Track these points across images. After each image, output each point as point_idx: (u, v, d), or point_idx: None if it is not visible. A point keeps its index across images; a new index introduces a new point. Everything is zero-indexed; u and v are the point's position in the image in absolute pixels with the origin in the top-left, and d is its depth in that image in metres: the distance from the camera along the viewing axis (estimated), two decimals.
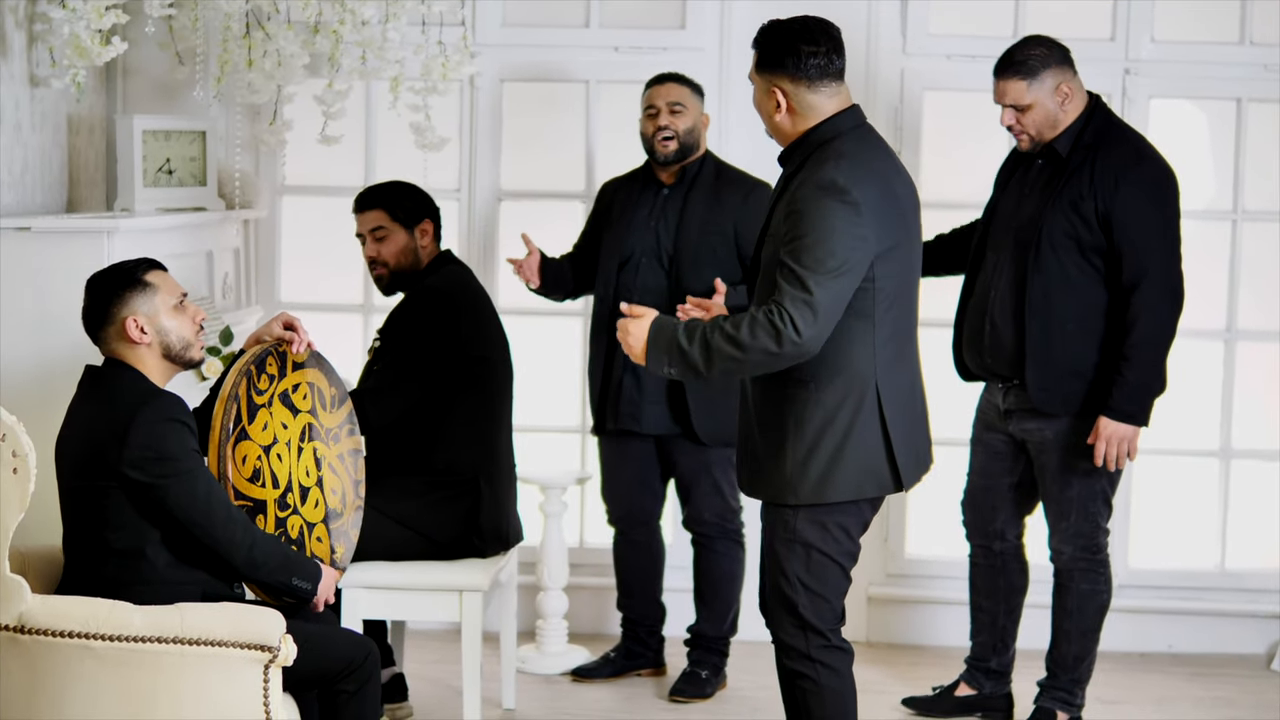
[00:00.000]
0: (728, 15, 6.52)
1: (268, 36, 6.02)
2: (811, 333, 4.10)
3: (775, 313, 4.09)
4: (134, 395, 4.24)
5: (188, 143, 6.05)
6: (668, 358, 4.18)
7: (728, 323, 4.14)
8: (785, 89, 4.34)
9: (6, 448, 3.91)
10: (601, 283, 5.97)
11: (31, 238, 5.03)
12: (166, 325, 4.33)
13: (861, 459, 4.32)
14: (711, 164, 5.94)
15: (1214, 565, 6.71)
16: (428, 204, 5.54)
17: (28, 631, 4.01)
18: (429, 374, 5.26)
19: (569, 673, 6.20)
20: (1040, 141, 5.40)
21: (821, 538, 4.35)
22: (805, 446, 4.29)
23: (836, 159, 4.23)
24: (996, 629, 5.76)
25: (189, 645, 4.02)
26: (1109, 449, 5.31)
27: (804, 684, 4.41)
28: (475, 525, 5.32)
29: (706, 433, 5.84)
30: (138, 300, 4.31)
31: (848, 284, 4.16)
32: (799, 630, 4.38)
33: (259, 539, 4.31)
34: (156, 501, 4.19)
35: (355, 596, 5.17)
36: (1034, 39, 5.44)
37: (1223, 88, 6.55)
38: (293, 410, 4.60)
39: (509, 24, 6.60)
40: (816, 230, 4.13)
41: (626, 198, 6.01)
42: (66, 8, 5.41)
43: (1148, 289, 5.25)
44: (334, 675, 4.35)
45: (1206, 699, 6.12)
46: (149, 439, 4.17)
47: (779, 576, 4.38)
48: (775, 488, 4.36)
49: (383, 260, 5.48)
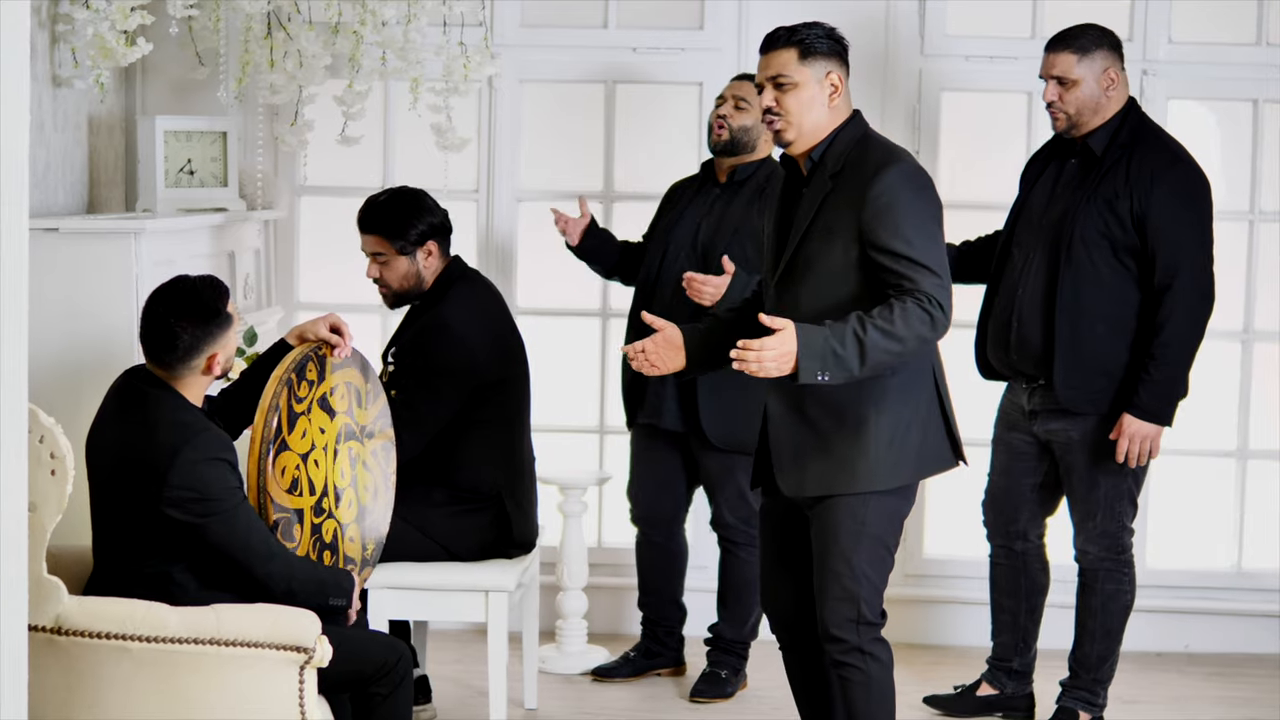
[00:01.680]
0: (745, 16, 6.53)
1: (289, 37, 6.02)
2: (950, 310, 4.26)
3: (924, 299, 4.19)
4: (176, 429, 4.17)
5: (209, 143, 6.05)
6: (821, 363, 4.16)
7: (877, 318, 4.17)
8: (841, 77, 4.44)
9: (45, 449, 3.91)
10: (643, 274, 6.00)
11: (59, 238, 5.02)
12: (232, 354, 4.34)
13: (930, 438, 4.44)
14: (768, 169, 5.90)
15: (1230, 565, 6.72)
16: (431, 221, 5.40)
17: (65, 633, 4.01)
18: (451, 406, 5.24)
19: (589, 672, 6.20)
20: (1075, 125, 5.40)
21: (887, 529, 4.43)
22: (888, 431, 4.36)
23: (895, 150, 4.39)
24: (1018, 629, 5.76)
25: (225, 646, 4.03)
26: (1131, 446, 5.32)
27: (851, 675, 4.43)
28: (502, 536, 5.34)
29: (715, 433, 5.84)
30: (222, 337, 4.28)
31: (948, 261, 4.36)
32: (853, 624, 4.42)
33: (296, 571, 4.30)
34: (197, 539, 4.17)
35: (381, 597, 5.18)
36: (1091, 24, 5.48)
37: (1240, 89, 6.56)
38: (330, 413, 4.59)
39: (527, 24, 6.61)
40: (923, 221, 4.29)
41: (685, 194, 6.05)
42: (91, 8, 5.42)
43: (1180, 290, 5.26)
44: (368, 677, 4.35)
45: (1224, 699, 6.13)
46: (191, 480, 4.13)
47: (841, 569, 4.40)
48: (856, 476, 4.38)
49: (385, 282, 5.42)
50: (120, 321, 5.00)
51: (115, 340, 4.96)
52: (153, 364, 4.29)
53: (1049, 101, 5.42)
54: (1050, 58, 5.43)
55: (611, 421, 6.70)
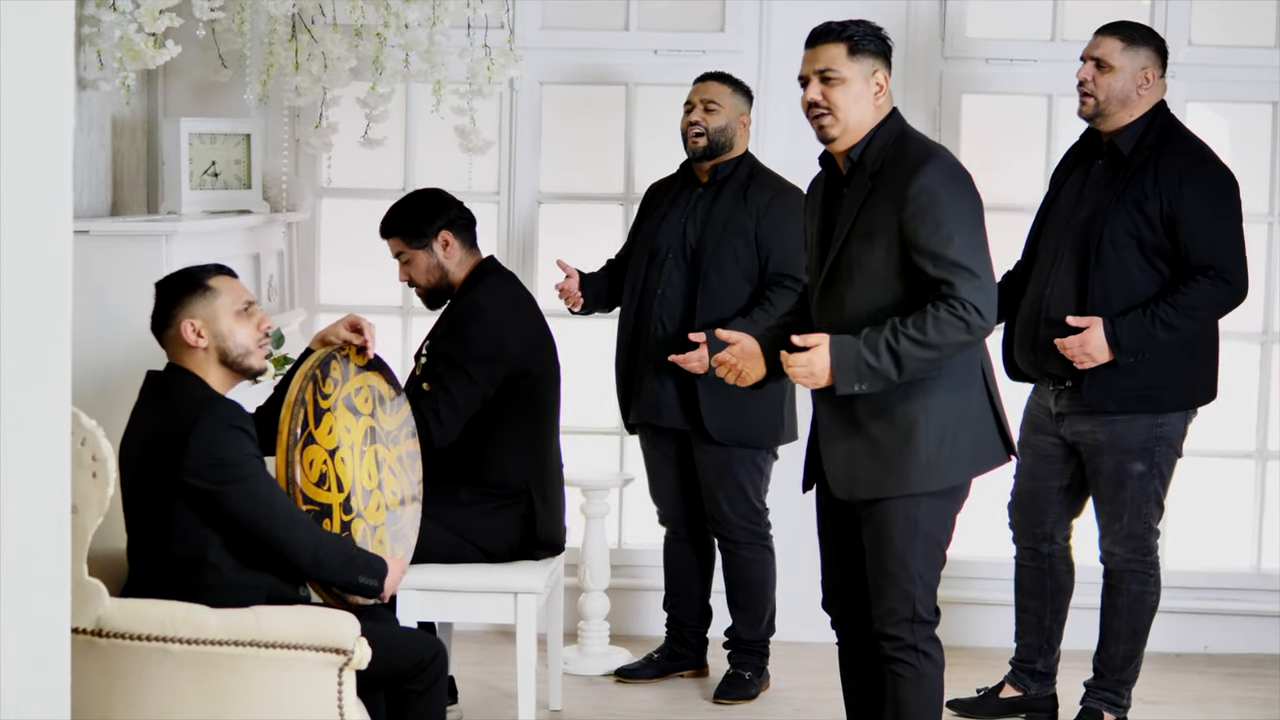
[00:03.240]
0: (767, 18, 6.55)
1: (313, 40, 6.03)
2: (991, 312, 4.25)
3: (958, 305, 4.20)
4: (193, 402, 4.24)
5: (232, 145, 6.06)
6: (856, 374, 4.23)
7: (909, 327, 4.20)
8: (886, 77, 4.44)
9: (86, 452, 3.91)
10: (631, 278, 5.99)
11: (90, 241, 5.03)
12: (224, 330, 4.33)
13: (983, 435, 4.44)
14: (747, 166, 5.96)
15: (1249, 566, 6.74)
16: (445, 214, 5.46)
17: (105, 635, 4.01)
18: (484, 390, 5.27)
19: (612, 673, 6.21)
20: (1100, 114, 5.43)
21: (940, 528, 4.45)
22: (938, 431, 4.35)
23: (932, 147, 4.39)
24: (1043, 630, 5.77)
25: (265, 648, 4.03)
26: (1073, 348, 5.33)
27: (904, 671, 4.44)
28: (528, 535, 5.35)
29: (718, 429, 5.85)
30: (196, 304, 4.33)
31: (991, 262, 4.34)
32: (907, 623, 4.43)
33: (323, 539, 4.31)
34: (218, 508, 4.19)
35: (410, 599, 5.19)
36: (1144, 24, 5.54)
37: (1259, 91, 6.58)
38: (355, 414, 4.61)
39: (548, 26, 6.62)
40: (962, 218, 4.28)
41: (665, 196, 6.05)
42: (118, 11, 5.42)
43: (1211, 274, 5.29)
44: (403, 675, 4.36)
45: (1246, 699, 6.15)
46: (209, 446, 4.16)
47: (896, 569, 4.41)
48: (908, 478, 4.37)
49: (414, 281, 5.51)
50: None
51: (145, 342, 4.93)
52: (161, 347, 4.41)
53: (1081, 80, 5.45)
54: (1096, 39, 5.48)
55: None
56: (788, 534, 6.21)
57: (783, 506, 6.13)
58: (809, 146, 6.31)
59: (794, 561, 6.26)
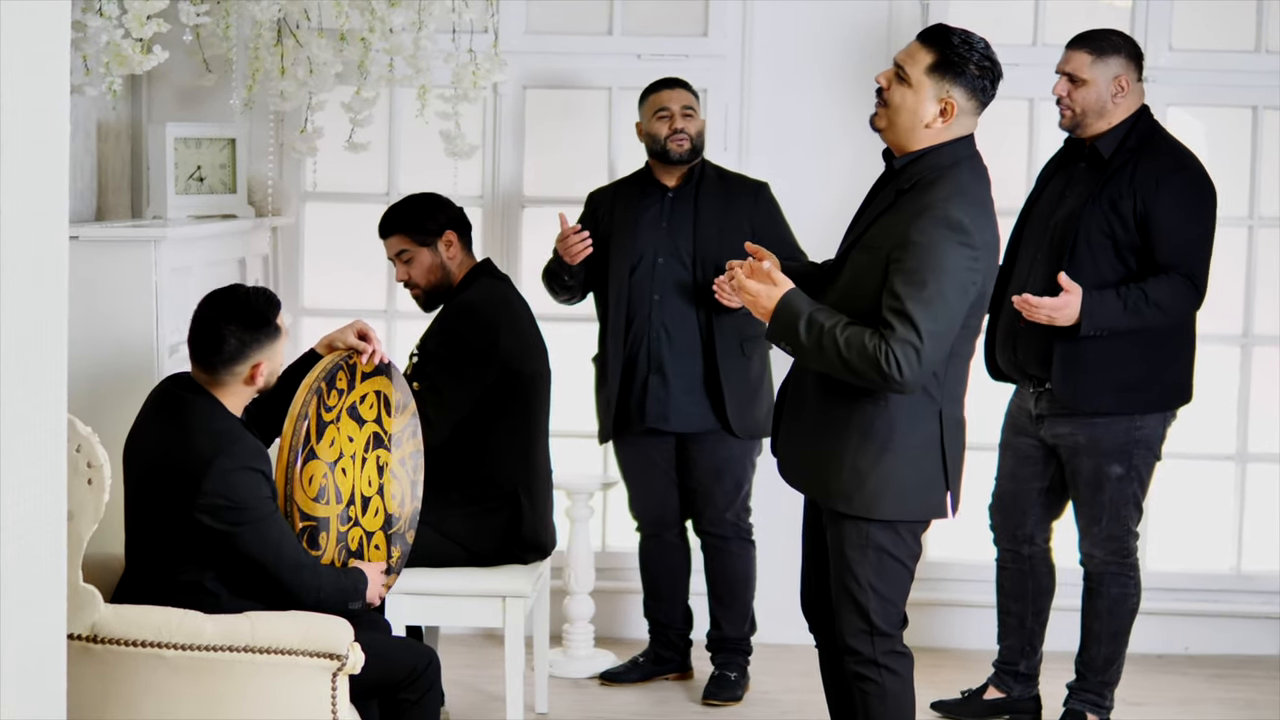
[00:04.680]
0: (750, 23, 6.56)
1: (299, 44, 6.03)
2: (912, 377, 4.10)
3: (883, 352, 4.07)
4: (212, 436, 4.20)
5: (218, 150, 6.07)
6: (784, 332, 4.22)
7: (845, 335, 4.13)
8: (956, 101, 4.28)
9: (82, 458, 3.93)
10: (614, 286, 5.99)
11: (78, 246, 5.02)
12: (277, 368, 4.37)
13: (919, 483, 4.32)
14: (711, 168, 6.05)
15: (1230, 568, 6.78)
16: (448, 214, 5.50)
17: (100, 641, 4.03)
18: (474, 390, 5.28)
19: (596, 676, 6.23)
20: (1080, 125, 5.47)
21: (894, 543, 4.34)
22: (868, 460, 4.26)
23: (961, 194, 4.19)
24: (1025, 632, 5.80)
25: (259, 653, 4.05)
26: (1040, 309, 5.30)
27: (868, 687, 4.40)
28: (516, 537, 5.36)
29: (741, 426, 5.90)
30: (268, 347, 4.32)
31: (952, 329, 4.17)
32: (866, 635, 4.37)
33: (325, 581, 4.32)
34: (228, 547, 4.19)
35: (398, 602, 5.20)
36: (1115, 30, 5.56)
37: (1239, 95, 6.62)
38: (359, 422, 4.60)
39: (532, 31, 6.63)
40: (935, 270, 4.10)
41: (626, 203, 6.04)
42: (104, 16, 5.42)
43: (1176, 276, 5.33)
44: (397, 683, 4.38)
45: (1228, 700, 6.18)
46: (224, 488, 4.15)
47: (849, 581, 4.36)
48: (831, 492, 4.34)
49: (414, 281, 5.50)
50: (139, 328, 5.01)
51: (135, 347, 4.97)
52: (198, 368, 4.32)
53: (1057, 97, 5.49)
54: (1068, 54, 5.52)
55: None
56: (769, 535, 6.23)
57: (765, 507, 6.17)
58: (789, 152, 6.38)
59: (775, 563, 6.28)
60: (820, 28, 6.57)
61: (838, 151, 6.52)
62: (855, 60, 6.51)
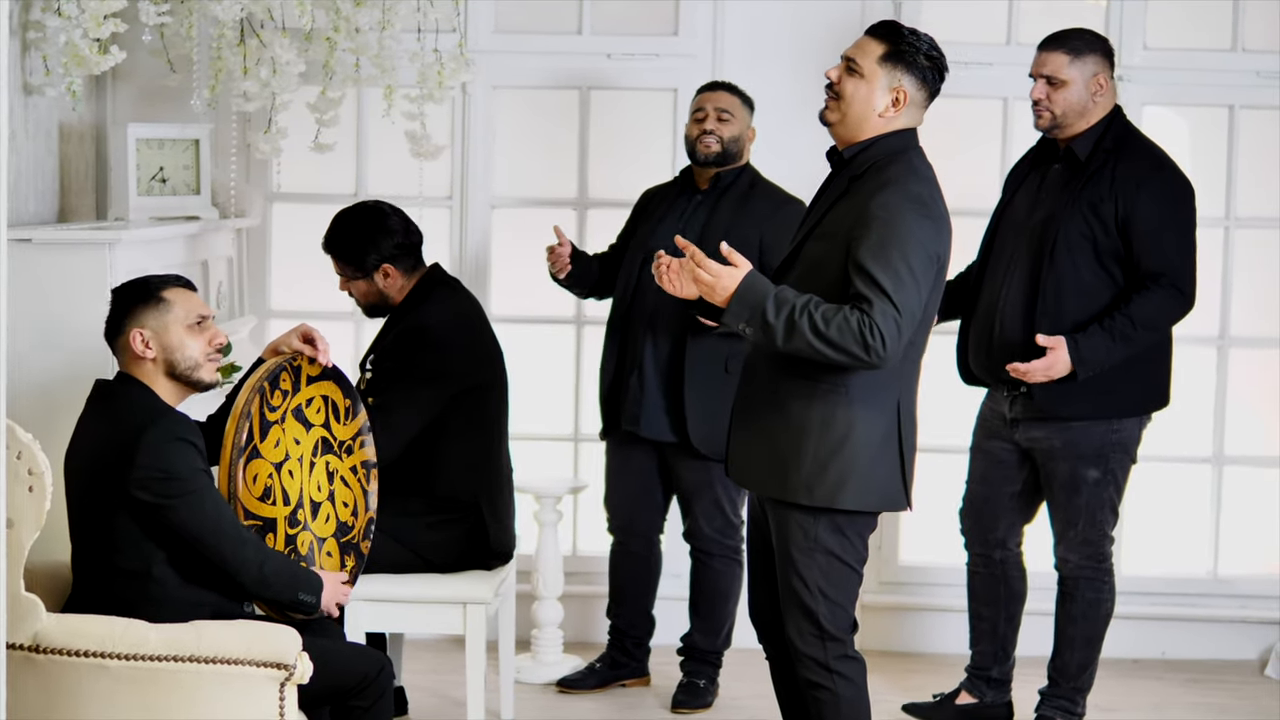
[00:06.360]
0: (721, 23, 6.51)
1: (262, 44, 5.97)
2: (895, 349, 4.14)
3: (867, 325, 4.09)
4: (141, 413, 4.20)
5: (181, 151, 6.01)
6: (749, 314, 4.16)
7: (820, 311, 4.11)
8: (908, 91, 4.34)
9: (23, 465, 3.87)
10: (622, 281, 5.97)
11: (32, 249, 4.98)
12: (173, 343, 4.29)
13: (879, 474, 4.31)
14: (749, 176, 5.94)
15: (1207, 571, 6.73)
16: (387, 246, 5.36)
17: (43, 651, 3.98)
18: (428, 410, 5.22)
19: (554, 683, 6.17)
20: (1058, 126, 5.41)
21: (841, 545, 4.33)
22: (828, 449, 4.26)
23: (917, 175, 4.29)
24: (997, 637, 5.75)
25: (205, 664, 4.00)
26: (1034, 369, 5.30)
27: (821, 694, 4.37)
28: (479, 546, 5.31)
29: (702, 441, 5.80)
30: (148, 315, 4.29)
31: (920, 299, 4.20)
32: (818, 640, 4.35)
33: (269, 557, 4.27)
34: (164, 522, 4.15)
35: (358, 609, 5.14)
36: (1085, 28, 5.51)
37: (1215, 94, 6.58)
38: (306, 425, 4.56)
39: (501, 30, 6.58)
40: (904, 244, 4.16)
41: (662, 202, 6.02)
42: (63, 16, 5.36)
43: (1161, 286, 5.29)
44: (348, 690, 4.32)
45: (1202, 704, 6.14)
46: (156, 459, 4.13)
47: (797, 585, 4.34)
48: (790, 485, 4.31)
49: (355, 297, 5.49)
50: (94, 333, 4.90)
51: (89, 352, 4.90)
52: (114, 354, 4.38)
53: (1036, 99, 5.42)
54: (1042, 56, 5.44)
55: (586, 429, 6.68)
56: None
57: None
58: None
59: None
60: (791, 27, 6.52)
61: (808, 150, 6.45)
62: (827, 61, 6.37)
